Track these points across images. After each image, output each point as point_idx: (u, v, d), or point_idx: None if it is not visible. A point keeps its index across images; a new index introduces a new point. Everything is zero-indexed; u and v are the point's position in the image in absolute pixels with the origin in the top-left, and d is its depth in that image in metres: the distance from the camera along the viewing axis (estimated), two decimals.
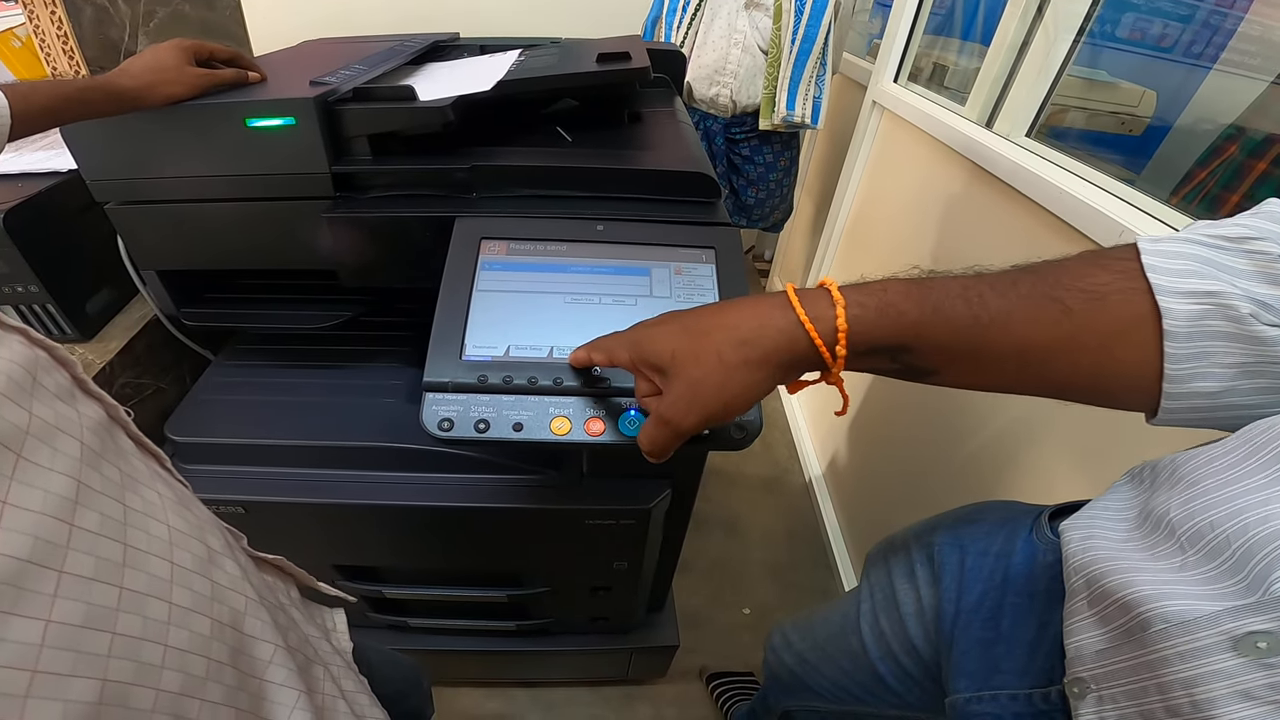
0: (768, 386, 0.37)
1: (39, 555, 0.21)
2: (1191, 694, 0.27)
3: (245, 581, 0.33)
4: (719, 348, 0.37)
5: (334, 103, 0.61)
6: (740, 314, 0.38)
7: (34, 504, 0.21)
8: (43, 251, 0.75)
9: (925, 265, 0.36)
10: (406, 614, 0.92)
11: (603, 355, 0.43)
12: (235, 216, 0.65)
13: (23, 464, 0.22)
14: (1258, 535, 0.26)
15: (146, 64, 0.57)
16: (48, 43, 0.99)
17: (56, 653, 0.20)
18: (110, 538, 0.24)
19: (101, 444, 0.27)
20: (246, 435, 0.69)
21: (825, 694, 0.66)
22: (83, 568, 0.22)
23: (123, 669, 0.23)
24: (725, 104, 1.45)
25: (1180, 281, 0.31)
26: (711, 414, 0.38)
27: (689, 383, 0.38)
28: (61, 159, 0.80)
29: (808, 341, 0.36)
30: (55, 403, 0.25)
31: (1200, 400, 0.32)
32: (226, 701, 0.28)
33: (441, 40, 1.01)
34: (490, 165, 0.64)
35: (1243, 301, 0.29)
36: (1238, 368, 0.30)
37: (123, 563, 0.24)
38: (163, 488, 0.30)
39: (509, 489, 0.69)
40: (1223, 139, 0.84)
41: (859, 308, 0.35)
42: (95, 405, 0.28)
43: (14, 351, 0.24)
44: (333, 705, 0.37)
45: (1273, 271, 0.30)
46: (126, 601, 0.24)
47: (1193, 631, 0.27)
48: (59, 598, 0.21)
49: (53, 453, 0.23)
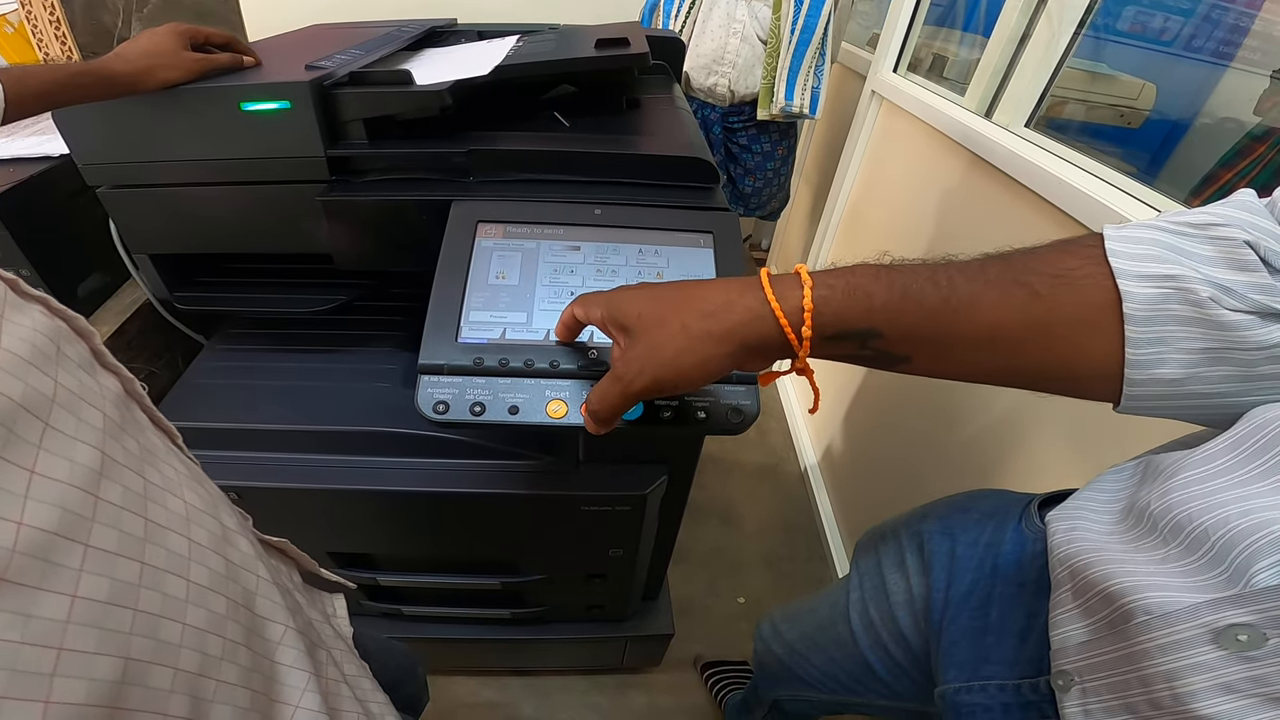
0: (728, 364, 0.37)
1: (66, 528, 0.20)
2: (1173, 687, 0.27)
3: (257, 561, 0.32)
4: (684, 316, 0.37)
5: (329, 87, 0.60)
6: (711, 289, 0.38)
7: (61, 474, 0.21)
8: (34, 235, 0.74)
9: (922, 254, 0.36)
10: (401, 602, 0.92)
11: (581, 309, 0.43)
12: (229, 200, 0.64)
13: (50, 433, 0.21)
14: (1237, 528, 0.26)
15: (141, 48, 0.56)
16: (40, 28, 0.98)
17: (82, 629, 0.20)
18: (133, 511, 0.24)
19: (121, 417, 0.26)
20: (240, 420, 0.69)
21: (815, 684, 0.66)
22: (107, 542, 0.22)
23: (144, 647, 0.22)
24: (723, 93, 1.44)
25: (1141, 266, 0.31)
26: (663, 379, 0.38)
27: (649, 344, 0.38)
28: (54, 144, 0.79)
29: (774, 322, 0.36)
30: (79, 373, 0.24)
31: (1163, 388, 0.31)
32: (241, 682, 0.27)
33: (439, 26, 1.00)
34: (487, 149, 0.64)
35: (1203, 285, 0.29)
36: (1200, 353, 0.30)
37: (144, 538, 0.24)
38: (178, 464, 0.29)
39: (505, 474, 0.69)
40: (1249, 139, 0.80)
41: (826, 289, 0.35)
42: (113, 378, 0.28)
43: (37, 321, 0.23)
44: (336, 689, 0.37)
45: (1236, 257, 0.30)
46: (148, 578, 0.23)
47: (1173, 624, 0.27)
48: (85, 572, 0.21)
49: (78, 422, 0.23)
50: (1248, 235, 0.30)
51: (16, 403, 0.20)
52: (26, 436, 0.20)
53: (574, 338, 0.49)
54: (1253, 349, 0.29)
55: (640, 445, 0.70)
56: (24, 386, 0.21)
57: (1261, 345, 0.29)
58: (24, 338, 0.22)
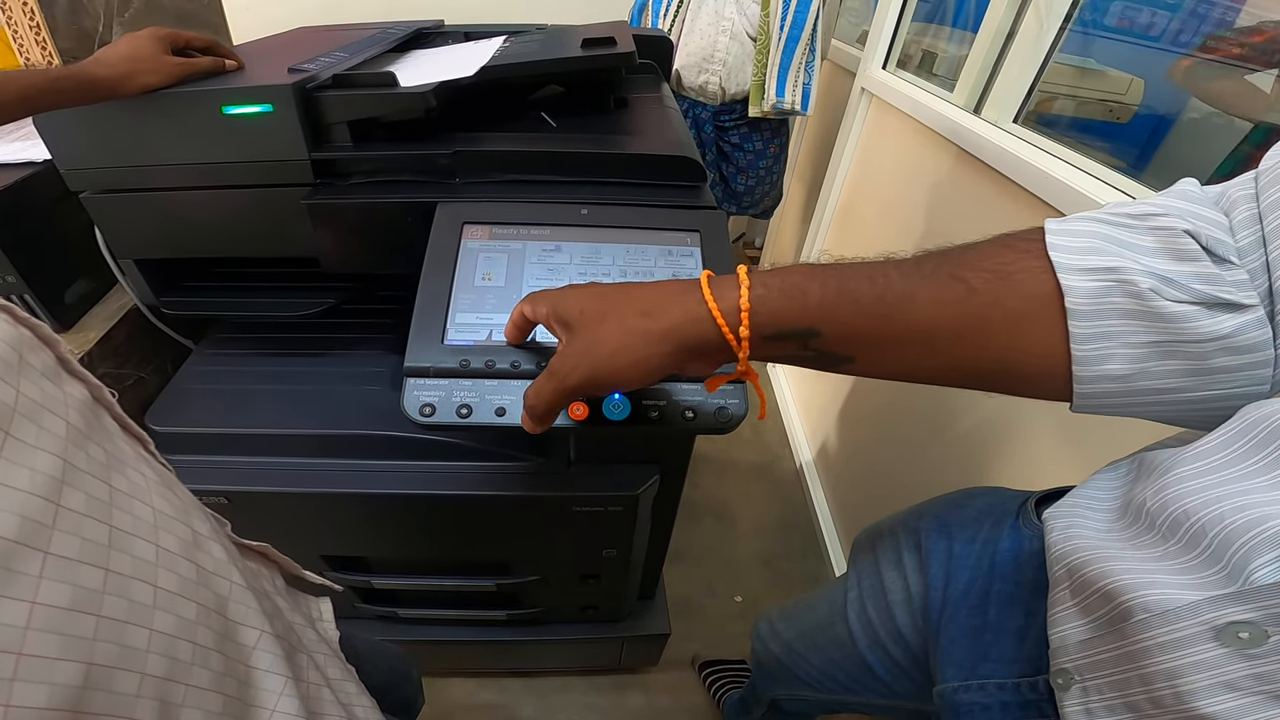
0: (666, 364, 0.37)
1: (26, 535, 0.20)
2: (1174, 685, 0.27)
3: (231, 566, 0.32)
4: (623, 315, 0.37)
5: (313, 89, 0.60)
6: (652, 290, 0.38)
7: (21, 483, 0.21)
8: (19, 242, 0.73)
9: (913, 250, 0.36)
10: (396, 604, 0.92)
11: (530, 306, 0.43)
12: (214, 204, 0.64)
13: (10, 442, 0.21)
14: (1234, 524, 0.26)
15: (122, 53, 0.56)
16: (20, 33, 0.98)
17: (42, 635, 0.20)
18: (96, 519, 0.24)
19: (87, 424, 0.26)
20: (228, 424, 0.69)
21: (813, 683, 0.66)
22: (68, 549, 0.22)
23: (108, 653, 0.22)
24: (714, 92, 1.44)
25: (1081, 259, 0.30)
26: (598, 376, 0.38)
27: (586, 340, 0.38)
28: (37, 149, 0.79)
29: (711, 323, 0.36)
30: (42, 381, 0.24)
31: (1112, 384, 0.31)
32: (213, 687, 0.28)
33: (426, 28, 1.00)
34: (473, 150, 0.63)
35: (1143, 277, 0.29)
36: (1147, 346, 0.30)
37: (108, 545, 0.24)
38: (147, 470, 0.29)
39: (496, 476, 0.69)
40: (1251, 145, 0.74)
41: (763, 288, 0.35)
42: (80, 385, 0.28)
43: (0, 330, 0.23)
44: (318, 693, 0.37)
45: (1175, 247, 0.29)
46: (111, 584, 0.23)
47: (1173, 622, 0.27)
48: (45, 579, 0.21)
49: (39, 431, 0.23)
50: (1188, 224, 0.29)
51: None
52: None
53: (524, 337, 0.48)
54: (1200, 340, 0.29)
55: (631, 446, 0.70)
56: None
57: (1209, 336, 0.28)
58: None
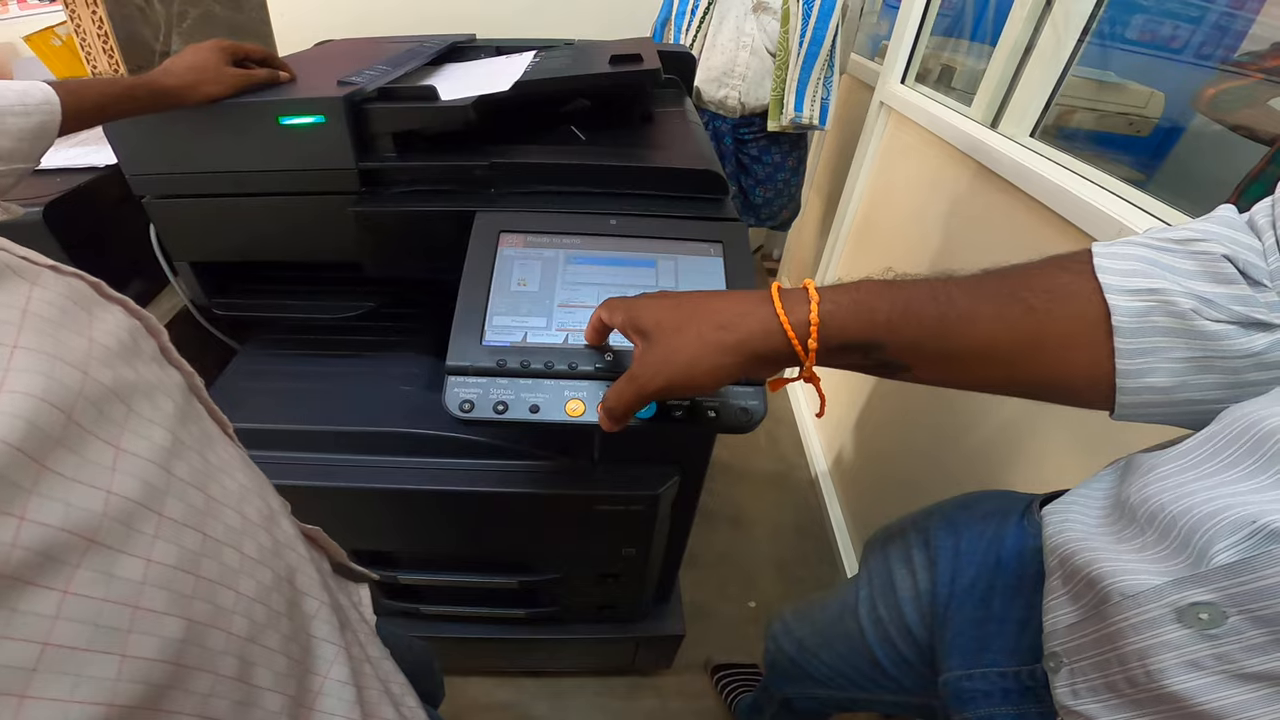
0: (737, 373, 0.40)
1: (145, 498, 0.23)
2: (1145, 664, 0.29)
3: (297, 540, 0.35)
4: (700, 326, 0.40)
5: (360, 102, 0.64)
6: (725, 301, 0.41)
7: (142, 450, 0.24)
8: (79, 242, 0.78)
9: (930, 264, 0.38)
10: (419, 600, 0.95)
11: (606, 312, 0.45)
12: (266, 210, 0.67)
13: (133, 415, 0.24)
14: (1201, 513, 0.28)
15: (188, 64, 0.59)
16: (88, 42, 1.02)
17: (155, 590, 0.22)
18: (196, 487, 0.26)
19: (186, 404, 0.29)
20: (269, 421, 0.72)
21: (823, 680, 0.68)
22: (176, 512, 0.24)
23: (203, 610, 0.25)
24: (734, 105, 1.47)
25: (1126, 280, 0.33)
26: (676, 383, 0.40)
27: (665, 349, 0.40)
28: (98, 154, 0.83)
29: (782, 335, 0.38)
30: (152, 365, 0.28)
31: (1154, 396, 0.33)
32: (281, 649, 0.30)
33: (459, 42, 1.04)
34: (509, 162, 0.67)
35: (1184, 298, 0.31)
36: (1187, 362, 0.32)
37: (205, 511, 0.26)
38: (231, 448, 0.33)
39: (523, 474, 0.71)
40: None
41: (832, 304, 0.38)
42: (176, 372, 0.31)
43: (119, 319, 0.27)
44: (360, 667, 0.40)
45: (1215, 270, 0.31)
46: (208, 547, 0.26)
47: (1142, 604, 0.29)
48: (158, 539, 0.23)
49: (154, 407, 0.26)
50: (1226, 249, 0.32)
51: (108, 388, 0.23)
52: (114, 417, 0.23)
53: (602, 340, 0.50)
54: (1236, 357, 0.31)
55: (653, 446, 0.72)
56: (113, 374, 0.24)
57: (1245, 353, 0.31)
58: (111, 333, 0.25)
